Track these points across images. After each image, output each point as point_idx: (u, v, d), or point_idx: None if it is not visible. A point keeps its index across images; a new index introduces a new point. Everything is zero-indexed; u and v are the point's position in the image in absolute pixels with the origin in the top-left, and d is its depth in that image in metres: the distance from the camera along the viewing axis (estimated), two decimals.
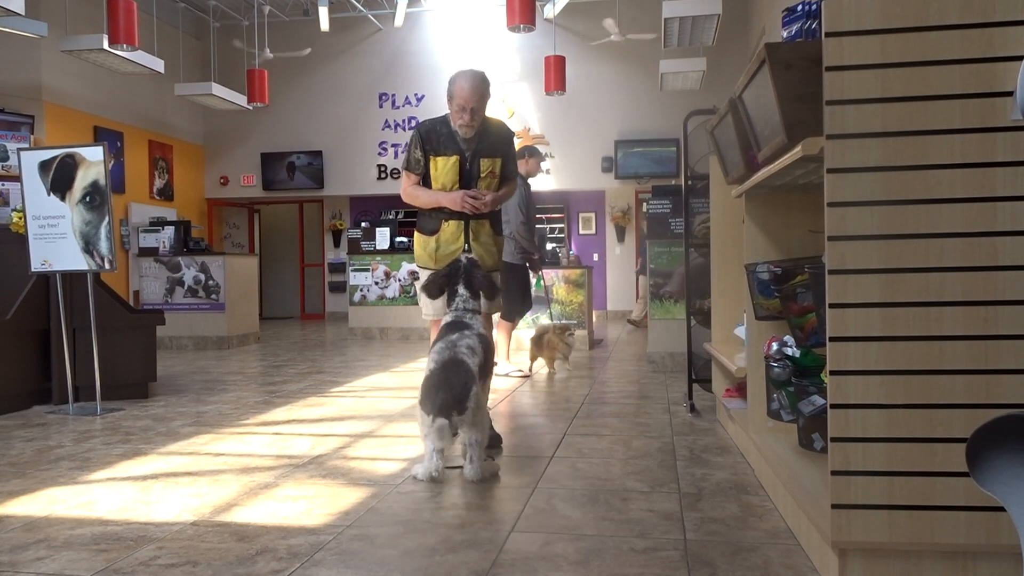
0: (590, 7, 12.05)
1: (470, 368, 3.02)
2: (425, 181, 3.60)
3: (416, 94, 13.26)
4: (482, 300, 3.37)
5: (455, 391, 2.92)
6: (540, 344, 6.12)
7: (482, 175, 3.52)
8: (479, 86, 3.44)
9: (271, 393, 5.29)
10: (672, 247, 6.30)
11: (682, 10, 8.15)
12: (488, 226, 3.61)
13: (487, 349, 3.24)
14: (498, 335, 5.84)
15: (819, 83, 1.87)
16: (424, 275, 3.62)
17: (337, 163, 13.47)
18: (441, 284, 3.34)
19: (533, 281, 6.79)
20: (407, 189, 3.64)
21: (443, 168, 3.51)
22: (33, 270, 4.72)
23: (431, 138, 3.53)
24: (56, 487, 2.97)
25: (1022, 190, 1.78)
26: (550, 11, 11.33)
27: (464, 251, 3.52)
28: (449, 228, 3.56)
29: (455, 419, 2.89)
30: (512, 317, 6.15)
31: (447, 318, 3.31)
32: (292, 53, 12.25)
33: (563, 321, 7.30)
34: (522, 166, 5.90)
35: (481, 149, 3.53)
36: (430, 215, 3.60)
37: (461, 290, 3.30)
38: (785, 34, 2.54)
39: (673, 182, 11.50)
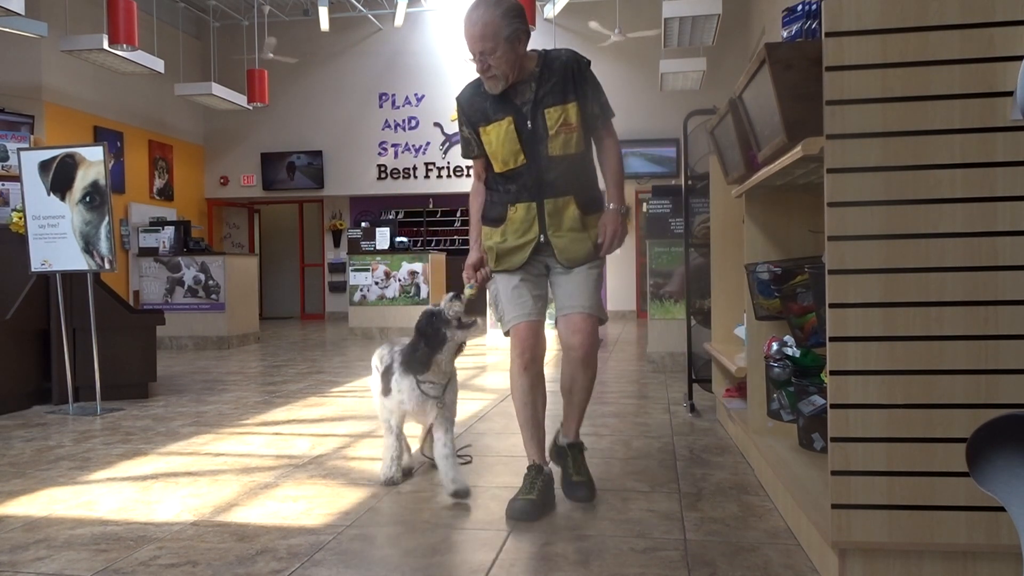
0: (590, 7, 12.05)
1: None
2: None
3: (416, 94, 13.26)
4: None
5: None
6: None
7: (552, 132, 2.56)
8: (486, 20, 2.44)
9: (271, 393, 5.29)
10: (672, 247, 6.30)
11: (682, 10, 8.15)
12: (574, 205, 2.63)
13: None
14: None
15: (819, 83, 1.87)
16: (499, 281, 2.75)
17: (337, 163, 13.47)
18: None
19: None
20: (471, 190, 2.86)
21: (497, 139, 2.61)
22: (33, 270, 4.72)
23: (474, 105, 2.67)
24: (56, 487, 2.97)
25: (1022, 190, 1.78)
26: (550, 11, 11.33)
27: (539, 240, 2.64)
28: (517, 215, 2.65)
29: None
30: None
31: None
32: (284, 58, 12.19)
33: None
34: None
35: (543, 96, 2.57)
36: (493, 200, 2.73)
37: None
38: (785, 34, 2.54)
39: (673, 182, 11.50)
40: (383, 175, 13.38)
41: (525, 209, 2.63)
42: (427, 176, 13.25)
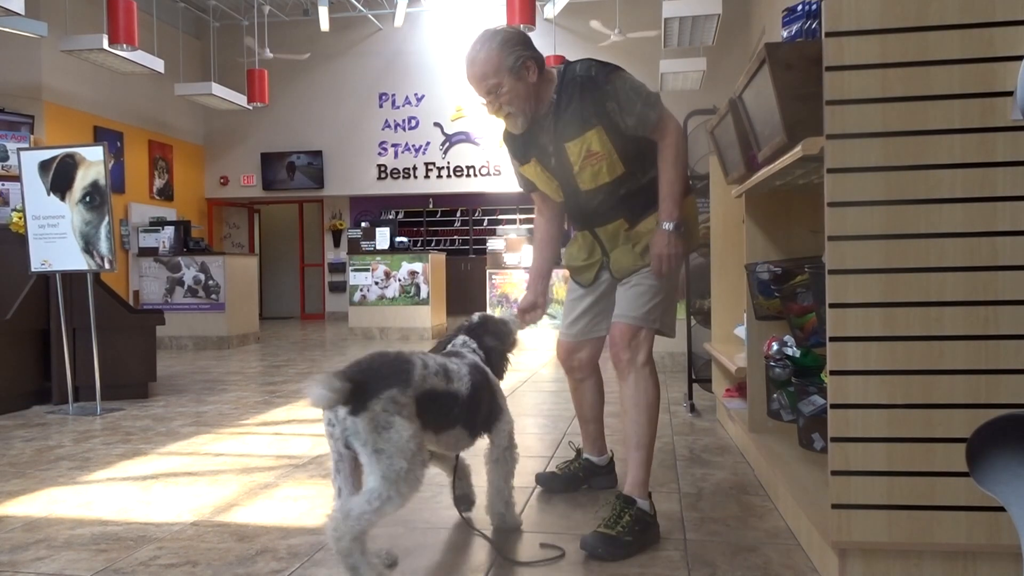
0: (591, 7, 12.04)
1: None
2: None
3: (416, 94, 13.26)
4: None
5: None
6: None
7: (577, 168, 2.40)
8: (483, 57, 2.34)
9: (271, 393, 5.29)
10: None
11: (682, 10, 8.14)
12: (623, 221, 2.48)
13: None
14: None
15: (819, 83, 1.87)
16: (569, 284, 2.77)
17: (337, 163, 13.47)
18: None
19: None
20: (534, 225, 2.83)
21: (535, 177, 2.56)
22: (33, 270, 4.72)
23: (514, 141, 2.55)
24: (56, 487, 2.97)
25: (1022, 190, 1.78)
26: (550, 11, 11.33)
27: (601, 265, 2.59)
28: (576, 243, 2.67)
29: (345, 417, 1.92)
30: None
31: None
32: (291, 56, 12.25)
33: None
34: None
35: (561, 129, 2.38)
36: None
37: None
38: (785, 34, 2.54)
39: None
40: (383, 175, 13.38)
41: (582, 237, 2.63)
42: (427, 176, 13.25)
